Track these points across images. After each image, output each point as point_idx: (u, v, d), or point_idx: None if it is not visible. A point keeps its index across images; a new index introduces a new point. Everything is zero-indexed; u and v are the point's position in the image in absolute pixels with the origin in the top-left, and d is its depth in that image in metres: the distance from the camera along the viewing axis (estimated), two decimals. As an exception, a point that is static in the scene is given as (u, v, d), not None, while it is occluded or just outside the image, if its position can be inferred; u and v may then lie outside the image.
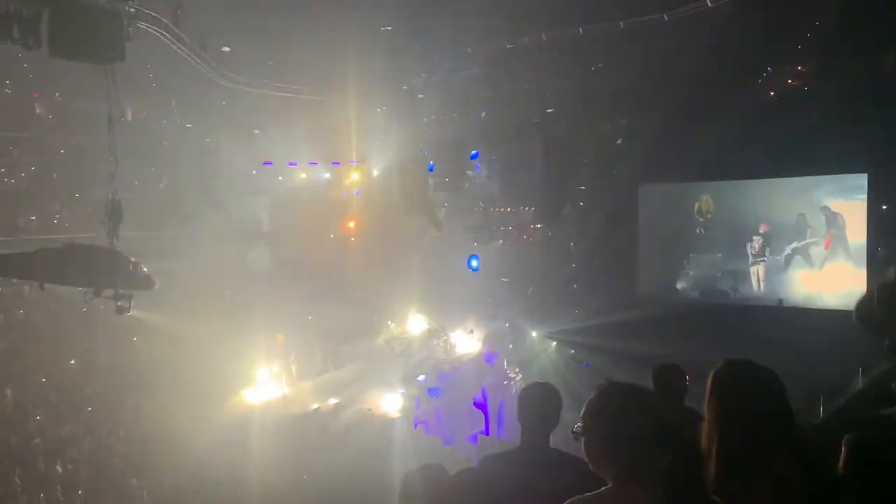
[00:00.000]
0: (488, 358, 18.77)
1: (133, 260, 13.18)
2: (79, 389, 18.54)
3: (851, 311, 2.96)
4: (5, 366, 18.79)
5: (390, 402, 18.92)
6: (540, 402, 3.96)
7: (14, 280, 17.78)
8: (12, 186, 22.10)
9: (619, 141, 16.69)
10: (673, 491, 2.10)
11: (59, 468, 15.01)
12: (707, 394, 2.62)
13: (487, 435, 16.15)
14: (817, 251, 14.84)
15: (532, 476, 3.71)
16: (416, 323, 22.85)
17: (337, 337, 21.65)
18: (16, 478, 14.14)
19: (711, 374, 2.66)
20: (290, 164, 18.75)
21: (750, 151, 14.12)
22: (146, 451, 16.35)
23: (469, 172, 18.07)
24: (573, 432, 2.33)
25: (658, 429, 2.16)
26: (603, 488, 2.17)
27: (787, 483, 2.39)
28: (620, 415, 2.18)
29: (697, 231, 16.37)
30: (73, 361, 18.57)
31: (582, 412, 2.27)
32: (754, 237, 15.54)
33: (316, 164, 18.87)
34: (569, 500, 2.13)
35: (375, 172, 19.19)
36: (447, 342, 21.47)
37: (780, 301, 14.92)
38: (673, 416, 2.31)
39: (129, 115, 20.89)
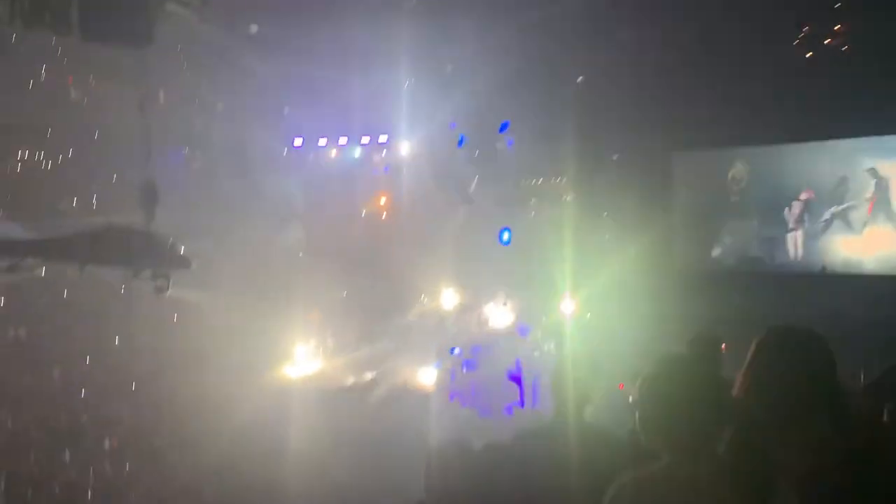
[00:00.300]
0: (522, 331, 18.76)
1: (170, 240, 13.42)
2: (122, 368, 19.02)
3: (893, 276, 2.89)
4: (52, 347, 19.34)
5: (425, 376, 19.08)
6: (576, 376, 3.95)
7: (57, 263, 18.25)
8: (51, 171, 22.55)
9: (652, 109, 16.38)
10: (733, 464, 2.05)
11: (105, 445, 15.45)
12: (749, 358, 2.56)
13: (522, 407, 16.22)
14: (857, 215, 14.46)
15: (568, 451, 3.71)
16: (448, 297, 22.91)
17: (371, 313, 21.83)
18: (65, 455, 14.60)
19: (756, 340, 2.61)
20: (320, 141, 18.76)
21: (788, 114, 13.78)
22: (188, 427, 16.72)
23: (499, 145, 17.91)
24: (630, 403, 2.28)
25: (718, 401, 2.11)
26: (657, 464, 2.12)
27: (827, 448, 2.35)
28: (681, 386, 2.13)
29: (732, 199, 16.06)
30: (116, 341, 19.00)
31: (638, 383, 2.22)
32: (793, 202, 15.20)
33: (346, 141, 18.85)
34: (622, 478, 2.08)
35: (405, 147, 19.13)
36: (480, 316, 21.50)
37: (824, 268, 14.58)
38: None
39: (161, 98, 21.15)
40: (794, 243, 15.28)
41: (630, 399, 2.28)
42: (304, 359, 20.47)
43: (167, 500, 13.83)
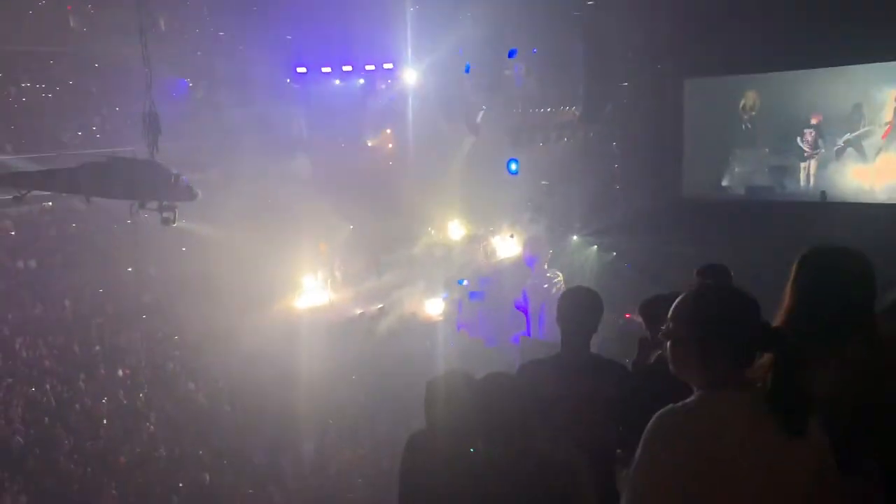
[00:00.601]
0: (529, 261, 18.73)
1: (174, 172, 13.33)
2: (133, 299, 19.25)
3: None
4: (63, 278, 19.54)
5: (433, 307, 19.24)
6: (580, 307, 3.92)
7: (63, 194, 18.25)
8: (53, 101, 22.34)
9: (664, 34, 15.91)
10: (771, 396, 2.01)
11: (119, 373, 15.75)
12: (793, 274, 2.53)
13: (529, 336, 16.35)
14: (871, 142, 14.18)
15: (574, 381, 3.72)
16: (455, 229, 22.90)
17: (379, 244, 21.88)
18: (80, 383, 14.90)
19: (799, 257, 2.58)
20: (324, 69, 18.40)
21: (802, 39, 13.35)
22: (199, 356, 17.01)
23: (507, 72, 17.52)
24: (661, 334, 2.21)
25: (757, 331, 2.05)
26: (694, 396, 2.07)
27: (856, 367, 2.32)
28: (720, 315, 2.06)
29: (743, 126, 15.77)
30: (129, 270, 19.17)
31: (671, 314, 2.14)
32: (805, 130, 14.92)
33: (350, 69, 18.49)
34: (662, 411, 2.03)
35: (410, 76, 18.76)
36: (487, 247, 21.52)
37: (823, 194, 14.40)
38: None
39: (161, 25, 20.71)
40: (808, 172, 15.08)
41: (662, 330, 2.20)
42: (312, 290, 20.65)
43: (181, 425, 14.16)
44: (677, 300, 2.14)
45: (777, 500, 1.96)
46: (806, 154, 14.96)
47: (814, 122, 14.76)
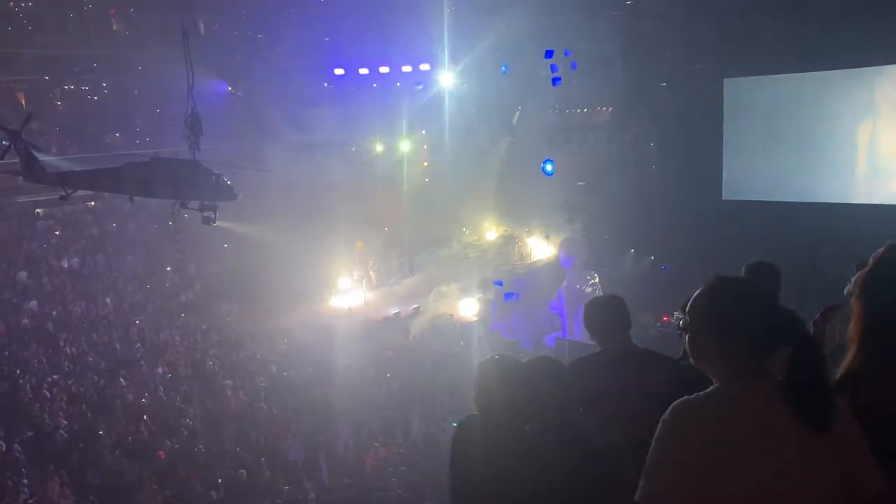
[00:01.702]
0: (564, 263, 18.68)
1: (216, 172, 13.53)
2: (173, 297, 19.59)
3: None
4: (104, 276, 19.97)
5: (467, 307, 19.25)
6: (606, 314, 3.92)
7: (105, 194, 18.66)
8: (96, 103, 22.85)
9: (704, 34, 15.71)
10: (790, 387, 2.01)
11: (159, 370, 16.02)
12: (859, 286, 2.51)
13: (565, 337, 16.28)
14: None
15: (620, 374, 3.71)
16: (490, 229, 22.90)
17: (414, 244, 21.98)
18: (121, 379, 15.18)
19: (867, 267, 2.55)
20: (361, 70, 18.54)
21: (845, 39, 13.08)
22: (238, 354, 17.23)
23: (543, 73, 17.45)
24: (678, 327, 2.23)
25: (774, 323, 2.06)
26: (713, 387, 2.08)
27: None
28: (735, 307, 2.07)
29: (782, 129, 15.45)
30: (168, 269, 19.49)
31: (689, 306, 2.15)
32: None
33: (387, 70, 18.60)
34: (678, 401, 2.04)
35: (447, 77, 18.79)
36: (522, 247, 21.50)
37: None
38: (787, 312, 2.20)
39: (201, 28, 21.05)
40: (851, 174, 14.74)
41: (679, 323, 2.21)
42: (349, 289, 20.82)
43: (220, 422, 14.34)
44: (694, 293, 2.15)
45: (793, 490, 1.96)
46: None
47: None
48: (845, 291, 2.71)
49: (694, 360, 2.16)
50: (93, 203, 21.70)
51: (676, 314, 4.05)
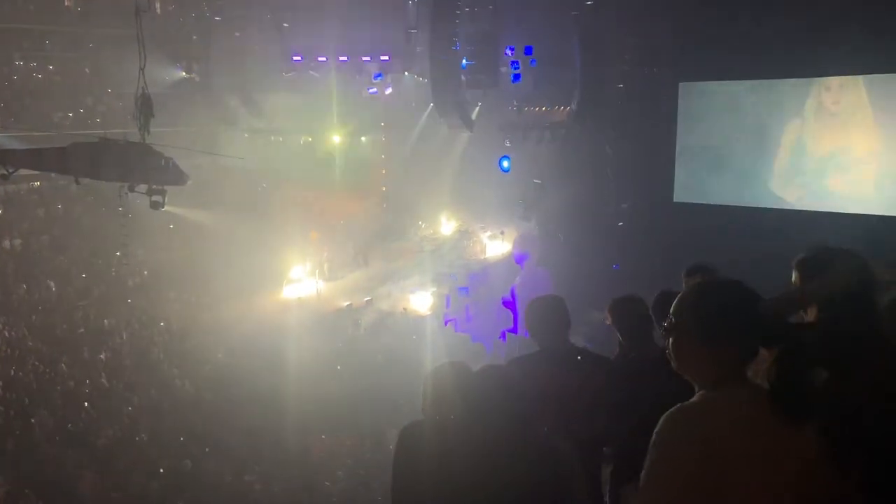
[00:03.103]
0: (518, 259, 18.80)
1: (166, 155, 13.24)
2: (119, 282, 19.12)
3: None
4: (48, 259, 19.38)
5: (421, 301, 19.25)
6: (547, 314, 3.95)
7: (52, 175, 18.09)
8: (45, 81, 22.14)
9: (661, 36, 15.94)
10: (779, 391, 1.97)
11: (102, 356, 15.64)
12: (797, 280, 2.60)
13: (516, 333, 16.39)
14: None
15: (560, 374, 3.74)
16: (446, 223, 22.91)
17: (368, 236, 21.87)
18: (63, 365, 14.79)
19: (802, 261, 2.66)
20: (319, 59, 18.31)
21: (802, 47, 13.39)
22: (185, 342, 16.93)
23: (503, 69, 17.49)
24: (663, 329, 2.17)
25: (761, 326, 2.01)
26: (699, 394, 2.03)
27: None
28: (722, 310, 2.02)
29: (735, 132, 15.78)
30: (117, 254, 19.03)
31: (673, 309, 2.10)
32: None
33: (346, 60, 18.40)
34: (671, 411, 2.00)
35: (407, 69, 18.68)
36: (477, 243, 21.56)
37: None
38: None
39: (157, 8, 20.57)
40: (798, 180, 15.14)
41: (664, 325, 2.17)
42: (301, 280, 20.61)
43: (164, 411, 14.08)
44: (680, 294, 2.11)
45: (784, 496, 1.96)
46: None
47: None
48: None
49: (677, 362, 2.10)
50: (38, 183, 21.03)
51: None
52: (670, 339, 2.10)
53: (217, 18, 20.64)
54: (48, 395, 13.81)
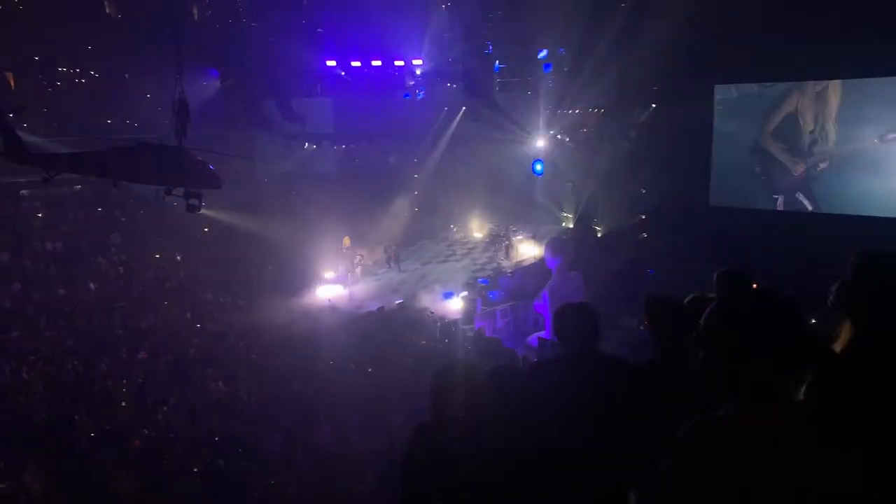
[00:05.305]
0: (550, 263, 18.65)
1: (201, 159, 13.45)
2: (157, 284, 19.44)
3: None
4: (87, 261, 19.79)
5: (452, 304, 19.18)
6: (575, 321, 3.90)
7: (91, 178, 18.49)
8: (86, 86, 22.65)
9: (697, 41, 15.73)
10: (818, 409, 1.86)
11: (140, 356, 15.89)
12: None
13: (548, 338, 16.25)
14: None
15: (582, 383, 3.69)
16: (478, 227, 22.86)
17: (400, 240, 21.92)
18: (102, 364, 15.05)
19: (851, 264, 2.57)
20: (353, 63, 18.44)
21: (834, 49, 13.13)
22: (220, 343, 17.12)
23: (537, 72, 17.44)
24: (694, 344, 2.05)
25: (797, 342, 1.89)
26: (727, 407, 1.93)
27: None
28: (755, 324, 1.91)
29: (774, 138, 15.53)
30: (157, 256, 19.34)
31: (704, 321, 2.00)
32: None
33: (380, 63, 18.51)
34: (692, 422, 1.90)
35: (440, 72, 18.74)
36: (509, 246, 21.47)
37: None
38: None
39: (195, 15, 20.91)
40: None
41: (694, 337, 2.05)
42: (334, 282, 20.72)
43: (199, 411, 14.23)
44: (711, 307, 2.01)
45: None
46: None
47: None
48: (828, 302, 2.71)
49: (707, 377, 2.00)
50: (79, 186, 21.51)
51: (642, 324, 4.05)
52: (700, 349, 2.01)
53: (253, 24, 20.90)
54: (87, 395, 14.05)
